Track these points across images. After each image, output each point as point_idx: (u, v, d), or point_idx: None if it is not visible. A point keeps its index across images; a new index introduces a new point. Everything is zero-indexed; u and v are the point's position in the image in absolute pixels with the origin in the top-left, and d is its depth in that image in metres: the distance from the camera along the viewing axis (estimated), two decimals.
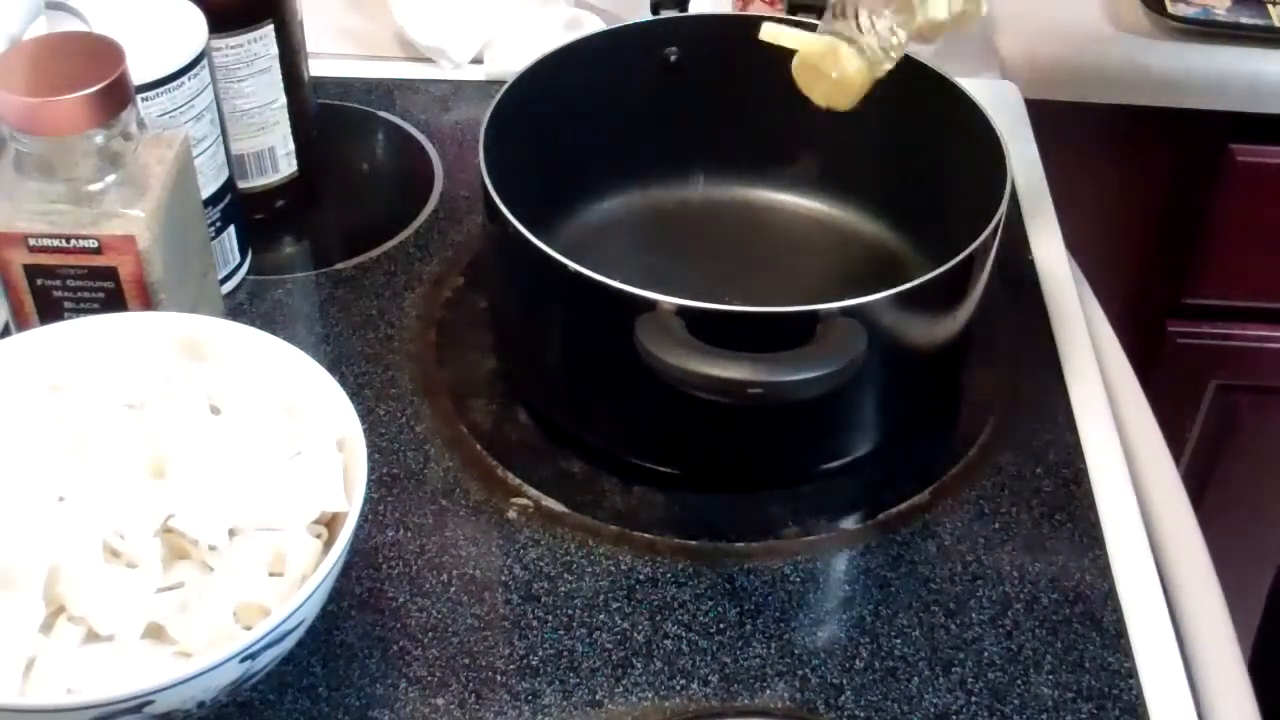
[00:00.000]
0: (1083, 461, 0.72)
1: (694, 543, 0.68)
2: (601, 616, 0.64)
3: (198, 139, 0.73)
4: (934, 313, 0.68)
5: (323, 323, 0.80)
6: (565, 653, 0.63)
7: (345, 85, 0.97)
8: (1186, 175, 1.09)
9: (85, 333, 0.64)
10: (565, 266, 0.64)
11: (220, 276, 0.78)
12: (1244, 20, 1.05)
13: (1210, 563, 0.69)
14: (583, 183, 0.83)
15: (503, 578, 0.66)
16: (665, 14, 0.82)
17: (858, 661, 0.63)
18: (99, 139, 0.64)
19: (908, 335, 0.67)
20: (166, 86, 0.71)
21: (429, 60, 0.99)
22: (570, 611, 0.65)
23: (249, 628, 0.55)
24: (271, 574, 0.57)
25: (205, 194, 0.74)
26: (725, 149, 0.84)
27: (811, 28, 0.80)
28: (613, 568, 0.67)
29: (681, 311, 0.62)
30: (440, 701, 0.61)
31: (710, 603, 0.65)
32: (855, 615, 0.66)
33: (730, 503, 0.70)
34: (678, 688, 0.62)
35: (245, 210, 0.81)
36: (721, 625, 0.64)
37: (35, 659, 0.54)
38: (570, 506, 0.69)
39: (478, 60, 0.99)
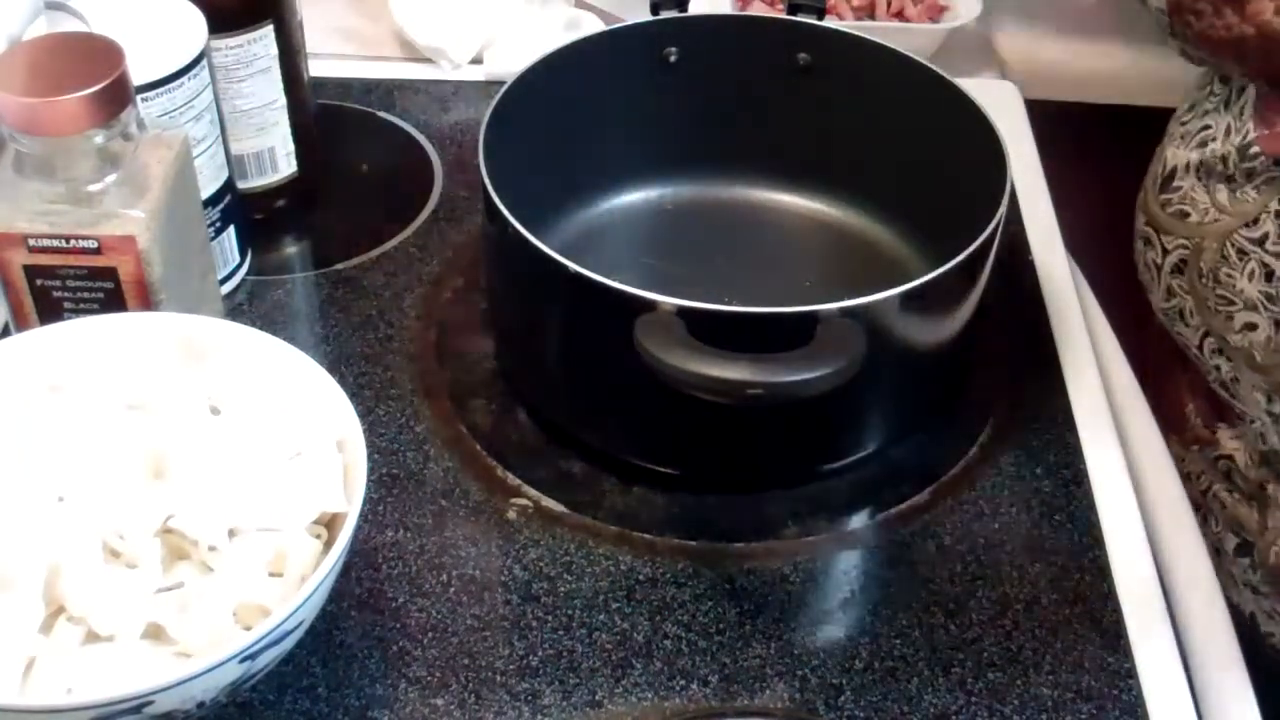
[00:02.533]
0: (1083, 462, 0.72)
1: (694, 543, 0.68)
2: (601, 616, 0.64)
3: (198, 139, 0.73)
4: (934, 313, 0.68)
5: (323, 323, 0.80)
6: (565, 653, 0.63)
7: (345, 85, 0.97)
8: None
9: (85, 333, 0.64)
10: (565, 267, 0.64)
11: (220, 276, 0.78)
12: None
13: (1210, 563, 0.69)
14: (582, 183, 0.83)
15: (503, 578, 0.66)
16: (665, 14, 0.82)
17: (858, 661, 0.63)
18: (99, 139, 0.64)
19: (908, 336, 0.67)
20: (166, 86, 0.71)
21: (429, 60, 0.99)
22: (570, 611, 0.65)
23: (249, 628, 0.55)
24: (271, 574, 0.57)
25: (205, 194, 0.74)
26: (725, 149, 0.84)
27: (812, 28, 0.81)
28: (613, 568, 0.67)
29: (681, 312, 0.62)
30: (440, 701, 0.61)
31: (710, 603, 0.65)
32: (855, 615, 0.66)
33: (730, 503, 0.70)
34: (678, 688, 0.62)
35: (245, 210, 0.81)
36: (721, 625, 0.64)
37: (35, 659, 0.54)
38: (570, 506, 0.69)
39: (478, 60, 0.99)
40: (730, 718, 0.61)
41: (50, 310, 0.66)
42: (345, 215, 0.89)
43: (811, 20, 0.81)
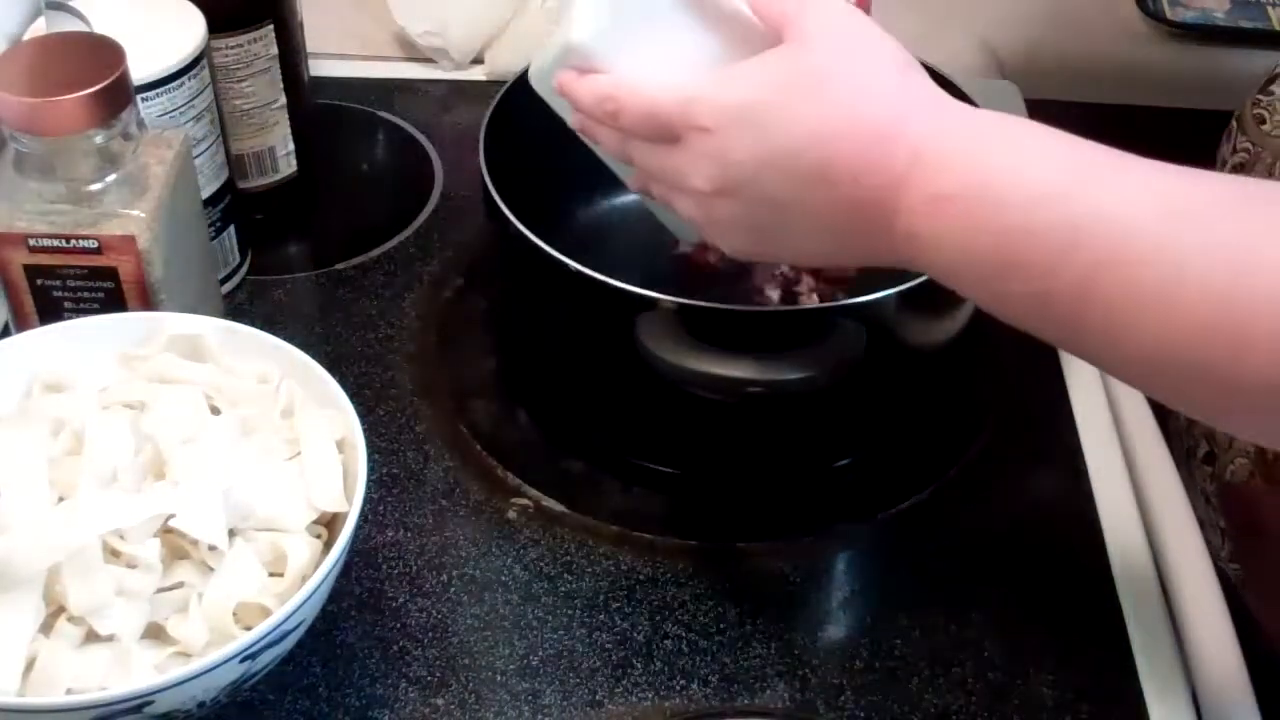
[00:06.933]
0: (1083, 462, 0.72)
1: (694, 543, 0.68)
2: (601, 616, 0.64)
3: (198, 139, 0.73)
4: (934, 313, 0.68)
5: (323, 323, 0.80)
6: (565, 653, 0.63)
7: (345, 85, 0.97)
8: None
9: (85, 333, 0.64)
10: (566, 266, 0.64)
11: (220, 276, 0.78)
12: (1244, 24, 1.05)
13: (1210, 562, 0.69)
14: (583, 182, 0.82)
15: (503, 578, 0.66)
16: None
17: (858, 661, 0.63)
18: (99, 139, 0.64)
19: (908, 335, 0.67)
20: (166, 86, 0.71)
21: (429, 60, 0.99)
22: (570, 611, 0.65)
23: (249, 628, 0.55)
24: (271, 574, 0.57)
25: (205, 194, 0.74)
26: None
27: None
28: (613, 568, 0.67)
29: (682, 310, 0.62)
30: (440, 701, 0.61)
31: (710, 603, 0.65)
32: (855, 615, 0.66)
33: (730, 503, 0.70)
34: (678, 688, 0.62)
35: (245, 210, 0.81)
36: (721, 625, 0.64)
37: (35, 659, 0.54)
38: (570, 506, 0.69)
39: (478, 60, 0.99)
40: (730, 718, 0.61)
41: (50, 310, 0.66)
42: (345, 215, 0.89)
43: None
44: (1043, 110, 0.97)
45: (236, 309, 0.79)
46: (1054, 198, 0.47)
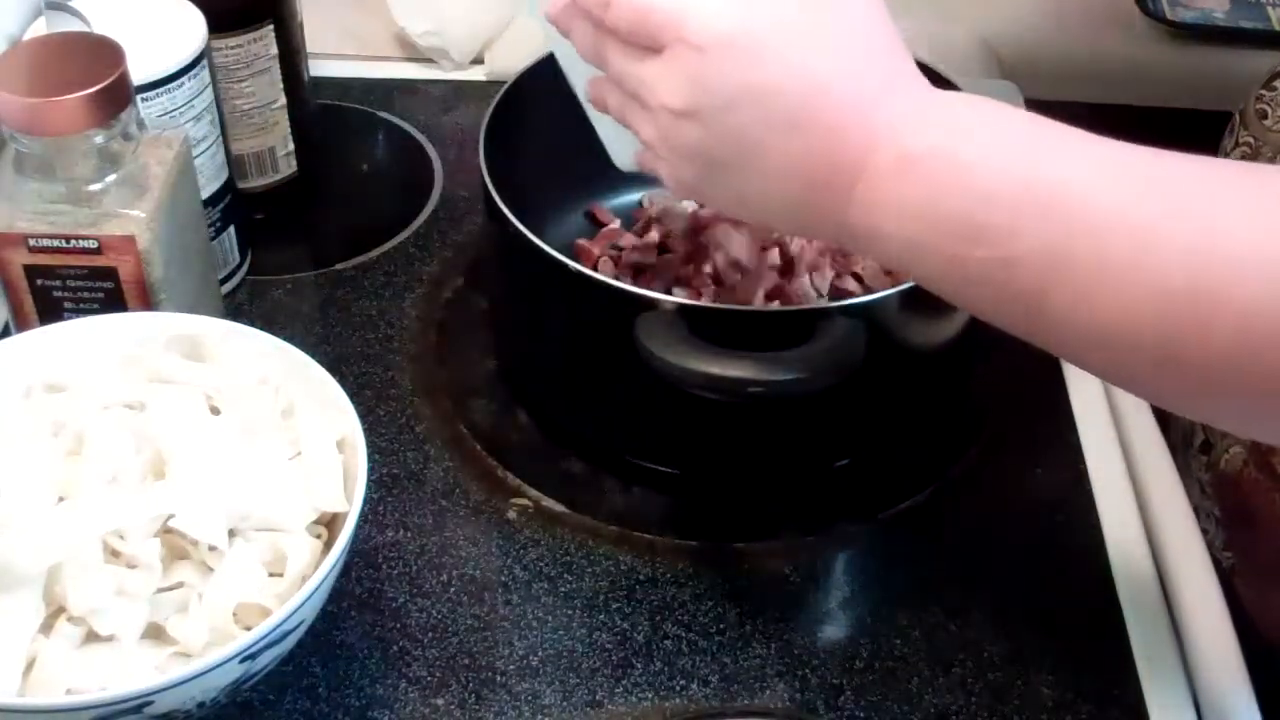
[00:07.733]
0: (1083, 462, 0.72)
1: (694, 543, 0.68)
2: (601, 616, 0.64)
3: (198, 139, 0.73)
4: (934, 312, 0.68)
5: (323, 323, 0.80)
6: (565, 653, 0.63)
7: (345, 85, 0.97)
8: None
9: (85, 333, 0.64)
10: (566, 266, 0.64)
11: (220, 276, 0.78)
12: (1244, 25, 1.05)
13: (1210, 562, 0.69)
14: (582, 183, 0.83)
15: (503, 578, 0.66)
16: None
17: (858, 661, 0.63)
18: (99, 139, 0.64)
19: (908, 335, 0.67)
20: (166, 86, 0.71)
21: (429, 60, 0.99)
22: (570, 611, 0.65)
23: (249, 628, 0.55)
24: (271, 574, 0.57)
25: (205, 194, 0.74)
26: None
27: None
28: (613, 568, 0.67)
29: (682, 310, 0.62)
30: (440, 701, 0.61)
31: (710, 603, 0.65)
32: (855, 615, 0.66)
33: (730, 503, 0.70)
34: (678, 688, 0.62)
35: (245, 210, 0.81)
36: (721, 625, 0.64)
37: (35, 659, 0.54)
38: (570, 506, 0.69)
39: (478, 60, 0.99)
40: (730, 718, 0.61)
41: (50, 310, 0.66)
42: (345, 215, 0.89)
43: None
44: (1043, 110, 0.97)
45: (236, 309, 0.79)
46: (1022, 163, 0.47)
